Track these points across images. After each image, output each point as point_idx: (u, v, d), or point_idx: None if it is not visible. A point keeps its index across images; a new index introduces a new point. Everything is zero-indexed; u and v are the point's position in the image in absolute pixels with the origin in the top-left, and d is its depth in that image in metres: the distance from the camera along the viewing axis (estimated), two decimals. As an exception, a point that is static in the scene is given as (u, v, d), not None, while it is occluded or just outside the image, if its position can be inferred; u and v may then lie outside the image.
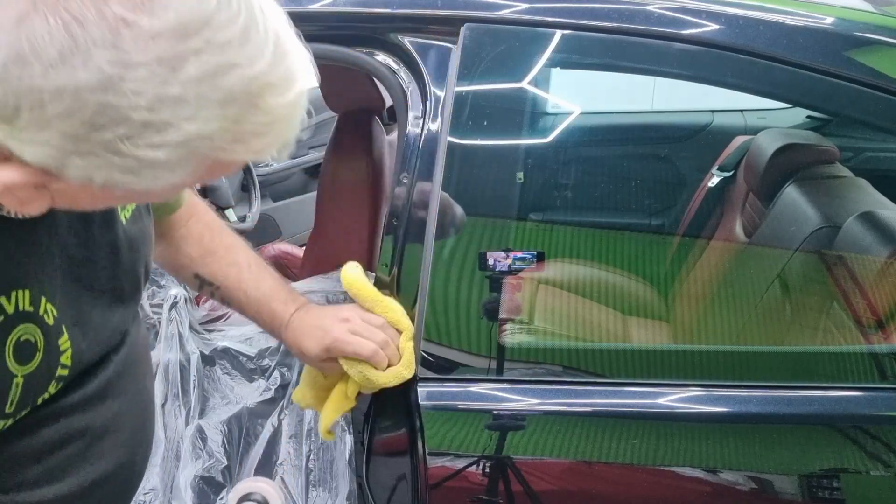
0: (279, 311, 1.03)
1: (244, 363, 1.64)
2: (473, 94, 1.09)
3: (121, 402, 0.82)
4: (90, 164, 0.52)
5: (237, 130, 0.55)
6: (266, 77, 0.54)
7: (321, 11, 1.14)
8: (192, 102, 0.51)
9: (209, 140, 0.54)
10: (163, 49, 0.49)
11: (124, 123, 0.50)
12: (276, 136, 0.58)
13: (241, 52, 0.52)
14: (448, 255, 1.08)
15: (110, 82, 0.49)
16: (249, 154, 0.58)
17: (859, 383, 1.08)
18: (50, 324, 0.70)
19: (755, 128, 1.95)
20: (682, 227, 1.73)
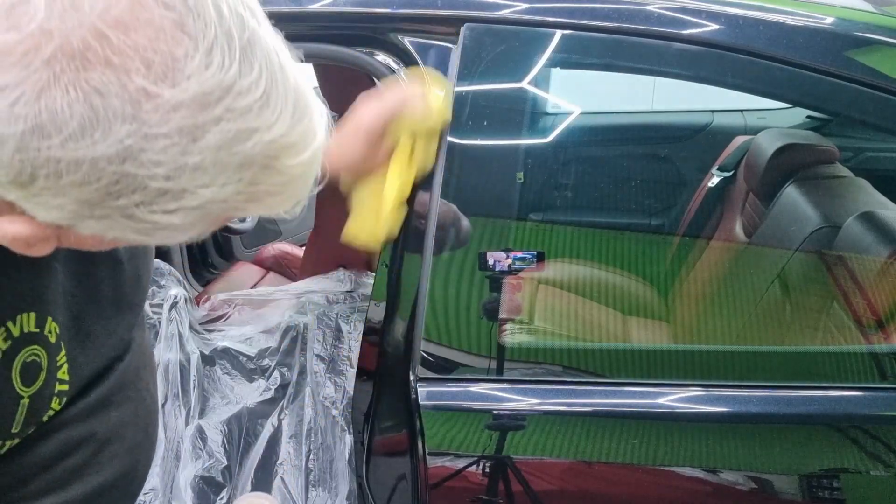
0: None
1: (244, 363, 1.64)
2: (473, 94, 1.09)
3: (124, 409, 0.82)
4: (103, 225, 0.52)
5: (252, 192, 0.54)
6: (284, 139, 0.53)
7: (321, 11, 1.14)
8: (209, 170, 0.51)
9: (224, 203, 0.53)
10: (183, 119, 0.49)
11: (141, 191, 0.50)
12: (291, 194, 0.57)
13: (261, 117, 0.51)
14: (448, 255, 1.08)
15: (129, 153, 0.48)
16: (262, 211, 0.57)
17: (859, 383, 1.08)
18: (52, 342, 0.70)
19: (755, 128, 1.95)
20: (682, 227, 1.73)
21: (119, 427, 0.81)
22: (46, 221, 0.52)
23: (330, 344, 1.64)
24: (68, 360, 0.72)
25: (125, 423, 0.82)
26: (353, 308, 1.75)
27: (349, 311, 1.73)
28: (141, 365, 0.86)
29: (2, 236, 0.53)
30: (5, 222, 0.52)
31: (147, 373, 0.89)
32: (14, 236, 0.53)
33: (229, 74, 0.49)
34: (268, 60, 0.52)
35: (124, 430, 0.82)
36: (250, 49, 0.51)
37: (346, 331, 1.67)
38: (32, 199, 0.50)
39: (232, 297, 1.86)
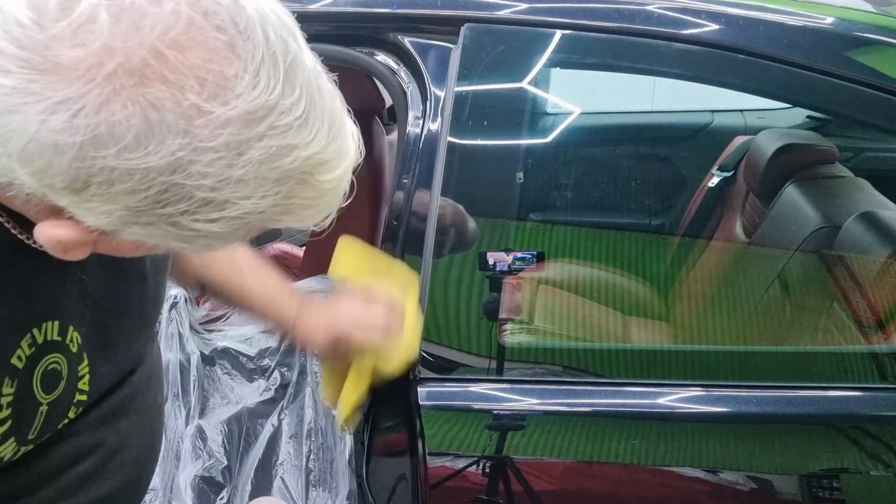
0: (285, 312, 1.04)
1: (244, 363, 1.64)
2: (473, 94, 1.09)
3: (133, 419, 0.84)
4: (147, 232, 0.55)
5: (287, 204, 0.56)
6: (320, 156, 0.56)
7: (321, 11, 1.14)
8: (251, 182, 0.53)
9: (261, 214, 0.56)
10: (231, 135, 0.51)
11: (186, 201, 0.52)
12: (323, 207, 0.60)
13: (300, 135, 0.54)
14: (448, 255, 1.08)
15: (179, 165, 0.51)
16: (295, 223, 0.60)
17: (859, 383, 1.08)
18: (74, 351, 0.72)
19: (755, 128, 1.95)
20: (682, 227, 1.73)
21: (127, 437, 0.83)
22: (93, 227, 0.54)
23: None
24: (90, 371, 0.74)
25: (133, 433, 0.84)
26: (353, 308, 1.75)
27: (349, 311, 1.73)
28: (151, 376, 0.88)
29: (46, 239, 0.56)
30: (52, 226, 0.55)
31: (156, 383, 0.91)
32: (59, 240, 0.55)
33: (274, 94, 0.52)
34: (307, 82, 0.55)
35: (132, 439, 0.83)
36: (293, 71, 0.54)
37: (346, 331, 1.66)
38: (83, 205, 0.52)
39: (232, 297, 1.86)
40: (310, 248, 2.31)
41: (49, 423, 0.71)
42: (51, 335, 0.68)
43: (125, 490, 0.84)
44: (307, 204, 0.58)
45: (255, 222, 0.57)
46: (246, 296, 1.04)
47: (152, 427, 0.89)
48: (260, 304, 1.04)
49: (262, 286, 1.05)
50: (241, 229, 0.57)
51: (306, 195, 0.57)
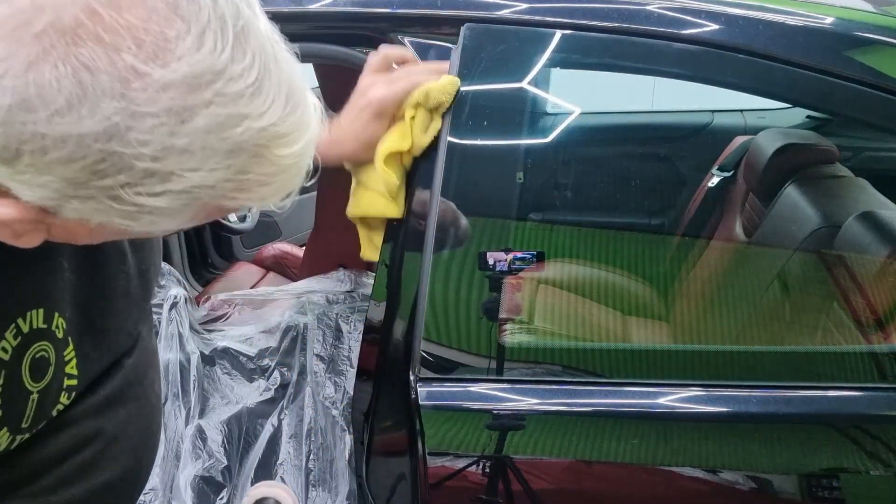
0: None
1: (244, 363, 1.64)
2: (473, 94, 1.09)
3: (131, 407, 0.82)
4: (88, 207, 0.52)
5: (242, 180, 0.54)
6: (276, 128, 0.53)
7: (321, 11, 1.14)
8: (197, 153, 0.51)
9: (212, 189, 0.53)
10: (172, 100, 0.49)
11: (127, 171, 0.50)
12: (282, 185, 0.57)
13: (252, 104, 0.51)
14: (448, 255, 1.08)
15: (116, 131, 0.48)
16: (252, 202, 0.57)
17: (859, 383, 1.08)
18: (60, 337, 0.70)
19: (755, 128, 1.95)
20: (682, 227, 1.73)
21: (126, 425, 0.82)
22: (31, 202, 0.52)
23: (330, 344, 1.64)
24: (77, 355, 0.73)
25: (131, 421, 0.83)
26: (353, 308, 1.75)
27: (349, 311, 1.73)
28: (147, 363, 0.87)
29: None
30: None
31: (153, 371, 0.89)
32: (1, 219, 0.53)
33: (221, 59, 0.49)
34: (261, 49, 0.52)
35: (130, 427, 0.82)
36: (244, 36, 0.51)
37: (346, 331, 1.67)
38: (17, 178, 0.50)
39: (232, 297, 1.86)
40: (310, 248, 2.31)
41: (42, 411, 0.70)
42: (36, 323, 0.67)
43: (124, 479, 0.83)
44: (264, 180, 0.55)
45: (206, 198, 0.54)
46: None
47: (151, 416, 0.88)
48: None
49: None
50: (191, 206, 0.54)
51: (263, 171, 0.54)
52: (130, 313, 0.81)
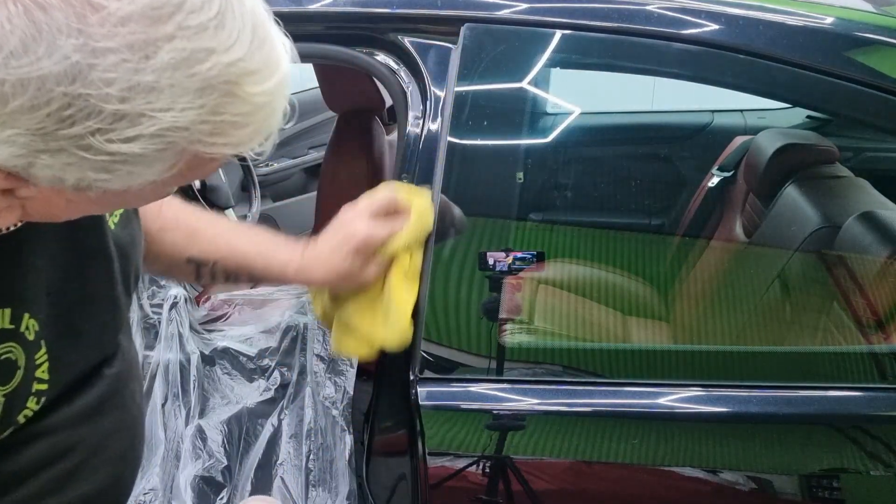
0: (287, 257, 0.98)
1: (244, 363, 1.64)
2: (473, 94, 1.09)
3: (112, 418, 0.80)
4: (60, 162, 0.50)
5: (216, 121, 0.52)
6: (245, 63, 0.52)
7: (321, 11, 1.14)
8: (166, 91, 0.49)
9: (186, 131, 0.51)
10: (133, 35, 0.47)
11: (95, 116, 0.48)
12: (258, 126, 0.56)
13: (217, 38, 0.50)
14: (448, 255, 1.08)
15: (77, 71, 0.46)
16: (230, 147, 0.55)
17: (859, 383, 1.08)
18: (30, 339, 0.68)
19: (755, 128, 1.95)
20: (682, 227, 1.73)
21: (106, 436, 0.79)
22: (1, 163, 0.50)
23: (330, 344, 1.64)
24: (50, 359, 0.70)
25: (112, 433, 0.80)
26: (353, 308, 1.75)
27: (349, 311, 1.73)
28: (128, 375, 0.84)
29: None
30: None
31: (134, 383, 0.87)
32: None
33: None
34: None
35: (111, 439, 0.80)
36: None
37: (346, 331, 1.67)
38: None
39: (232, 297, 1.86)
40: (310, 248, 2.30)
41: (9, 416, 0.67)
42: (2, 323, 0.65)
43: (104, 491, 0.80)
44: (240, 122, 0.53)
45: (181, 143, 0.52)
46: (241, 255, 0.98)
47: (133, 427, 0.85)
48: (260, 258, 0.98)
49: (254, 242, 0.99)
50: (168, 151, 0.52)
51: (237, 110, 0.53)
52: (111, 320, 0.78)
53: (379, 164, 2.07)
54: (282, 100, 0.57)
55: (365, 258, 0.97)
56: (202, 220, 1.00)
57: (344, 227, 0.97)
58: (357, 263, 0.96)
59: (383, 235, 0.96)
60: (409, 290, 1.00)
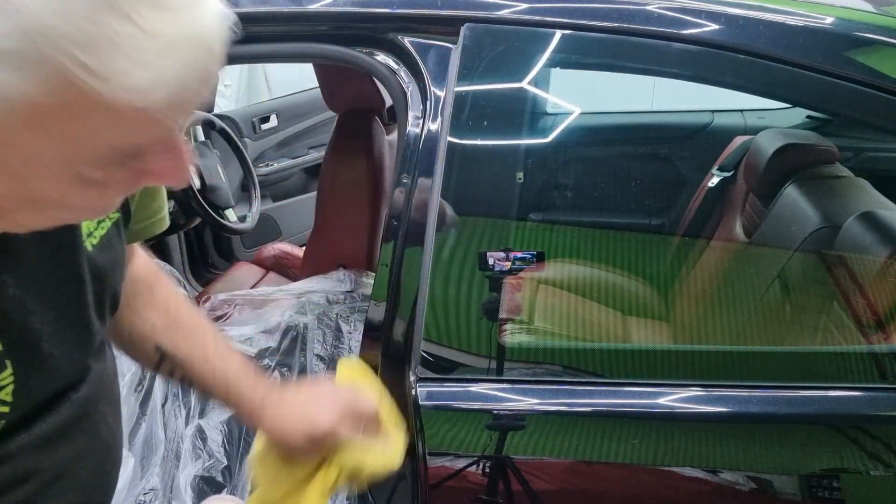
0: (249, 396, 0.92)
1: (244, 363, 1.64)
2: (473, 94, 1.09)
3: (78, 443, 0.75)
4: None
5: (98, 36, 0.43)
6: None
7: (321, 11, 1.14)
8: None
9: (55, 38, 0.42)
10: None
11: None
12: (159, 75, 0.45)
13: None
14: (448, 255, 1.08)
15: None
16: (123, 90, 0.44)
17: (859, 383, 1.08)
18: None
19: (755, 128, 1.95)
20: (682, 227, 1.73)
21: (70, 463, 0.74)
22: None
23: (330, 344, 1.64)
24: (15, 381, 0.66)
25: (77, 459, 0.75)
26: (353, 308, 1.75)
27: (349, 311, 1.73)
28: (100, 397, 0.79)
29: None
30: None
31: (106, 405, 0.81)
32: None
33: None
34: None
35: (76, 466, 0.75)
36: None
37: (346, 331, 1.67)
38: None
39: (232, 297, 1.87)
40: (310, 248, 2.31)
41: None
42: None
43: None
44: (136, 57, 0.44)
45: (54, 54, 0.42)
46: (209, 373, 0.92)
47: (102, 451, 0.80)
48: (223, 383, 0.93)
49: (225, 367, 0.92)
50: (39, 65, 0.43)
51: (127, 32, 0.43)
52: (81, 343, 0.74)
53: (379, 164, 2.07)
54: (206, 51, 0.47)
55: (315, 444, 0.91)
56: (188, 317, 0.95)
57: (311, 401, 0.92)
58: (305, 446, 0.91)
59: (345, 434, 0.91)
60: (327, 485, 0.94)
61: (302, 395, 0.94)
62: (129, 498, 1.44)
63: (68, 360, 0.72)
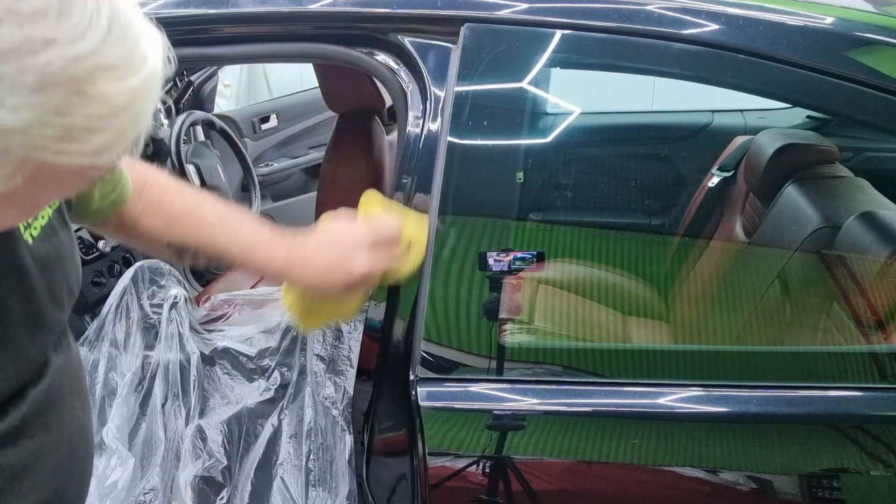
0: (267, 256, 0.95)
1: (244, 363, 1.64)
2: (473, 94, 1.09)
3: (43, 438, 0.74)
4: None
5: (63, 125, 0.45)
6: (98, 58, 0.45)
7: (321, 11, 1.14)
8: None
9: (23, 136, 0.44)
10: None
11: None
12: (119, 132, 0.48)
13: (60, 28, 0.44)
14: (448, 255, 1.08)
15: None
16: (86, 156, 0.48)
17: (859, 383, 1.08)
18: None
19: (755, 128, 1.95)
20: (682, 227, 1.73)
21: (35, 457, 0.73)
22: None
23: (330, 344, 1.64)
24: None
25: (44, 453, 0.74)
26: (353, 308, 1.75)
27: (349, 311, 1.73)
28: (65, 389, 0.78)
29: None
30: None
31: (74, 397, 0.81)
32: None
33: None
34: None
35: (43, 460, 0.74)
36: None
37: (346, 331, 1.67)
38: None
39: (232, 297, 1.86)
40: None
41: None
42: None
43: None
44: (94, 126, 0.46)
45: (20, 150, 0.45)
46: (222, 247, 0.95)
47: (72, 443, 0.79)
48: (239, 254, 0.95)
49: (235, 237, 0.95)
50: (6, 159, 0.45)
51: (90, 112, 0.46)
52: (34, 339, 0.72)
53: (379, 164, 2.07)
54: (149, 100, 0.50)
55: (357, 291, 0.96)
56: (185, 205, 0.96)
57: (341, 248, 0.94)
58: (347, 290, 0.95)
59: (381, 270, 0.96)
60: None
61: (326, 245, 0.95)
62: (129, 498, 1.43)
63: (18, 357, 0.70)
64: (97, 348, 1.58)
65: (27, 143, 0.45)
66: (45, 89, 0.44)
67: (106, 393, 1.54)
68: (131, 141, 0.50)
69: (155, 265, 1.68)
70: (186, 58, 1.27)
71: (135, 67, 0.48)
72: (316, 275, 0.94)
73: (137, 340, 1.58)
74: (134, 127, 0.50)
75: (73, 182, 0.52)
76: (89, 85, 0.45)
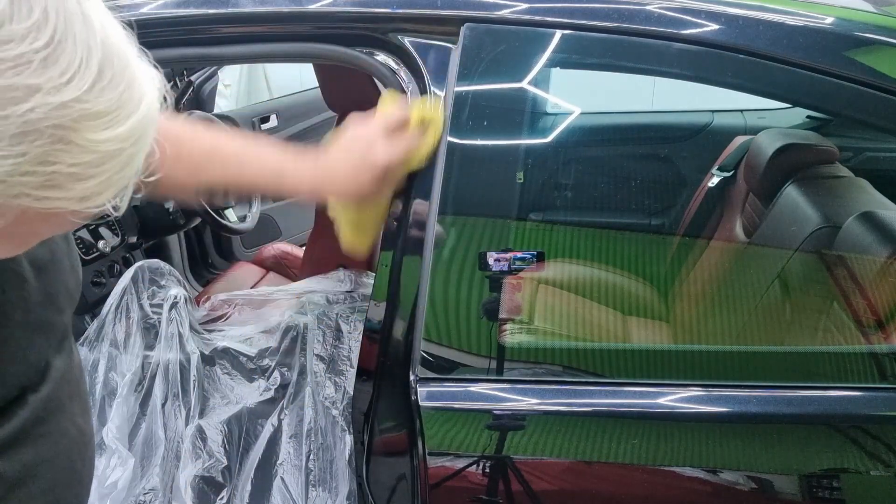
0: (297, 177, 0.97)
1: (244, 363, 1.64)
2: (473, 94, 1.09)
3: (42, 445, 0.73)
4: None
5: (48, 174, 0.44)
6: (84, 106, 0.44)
7: (321, 11, 1.14)
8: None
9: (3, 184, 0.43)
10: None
11: None
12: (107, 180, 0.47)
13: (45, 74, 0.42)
14: (448, 255, 1.08)
15: None
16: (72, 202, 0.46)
17: (859, 383, 1.08)
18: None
19: (755, 128, 1.95)
20: (682, 227, 1.73)
21: (35, 466, 0.72)
22: None
23: (330, 344, 1.64)
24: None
25: (44, 461, 0.73)
26: (353, 308, 1.75)
27: (349, 311, 1.73)
28: (66, 396, 0.77)
29: None
30: None
31: (74, 404, 0.79)
32: None
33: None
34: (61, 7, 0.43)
35: (43, 468, 0.73)
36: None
37: (346, 331, 1.67)
38: None
39: (232, 297, 1.86)
40: (310, 248, 2.31)
41: None
42: None
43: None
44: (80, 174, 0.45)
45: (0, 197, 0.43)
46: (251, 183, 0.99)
47: (71, 452, 0.77)
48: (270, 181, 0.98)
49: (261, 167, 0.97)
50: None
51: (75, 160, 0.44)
52: (32, 343, 0.71)
53: (379, 164, 2.07)
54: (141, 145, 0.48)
55: (388, 181, 1.00)
56: (203, 149, 0.96)
57: (360, 147, 0.97)
58: (381, 187, 0.99)
59: (402, 157, 0.99)
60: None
61: (345, 151, 0.98)
62: (129, 498, 1.44)
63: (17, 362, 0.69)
64: (97, 348, 1.58)
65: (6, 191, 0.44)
66: (26, 137, 0.42)
67: (106, 393, 1.54)
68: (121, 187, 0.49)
69: (155, 265, 1.69)
70: (186, 58, 1.27)
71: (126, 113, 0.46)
72: (345, 183, 0.97)
73: (137, 340, 1.58)
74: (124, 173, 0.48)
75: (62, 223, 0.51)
76: (74, 133, 0.44)
